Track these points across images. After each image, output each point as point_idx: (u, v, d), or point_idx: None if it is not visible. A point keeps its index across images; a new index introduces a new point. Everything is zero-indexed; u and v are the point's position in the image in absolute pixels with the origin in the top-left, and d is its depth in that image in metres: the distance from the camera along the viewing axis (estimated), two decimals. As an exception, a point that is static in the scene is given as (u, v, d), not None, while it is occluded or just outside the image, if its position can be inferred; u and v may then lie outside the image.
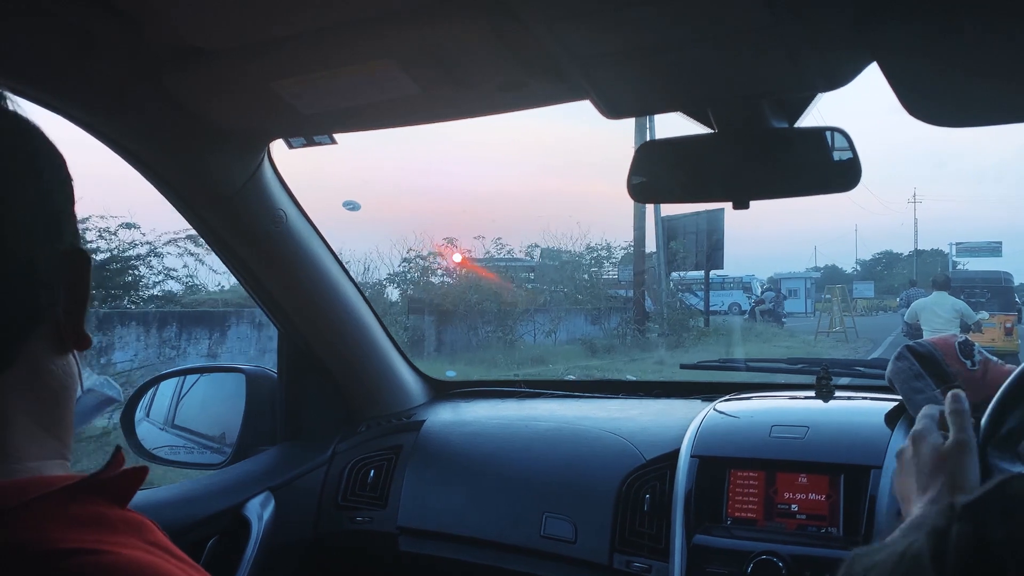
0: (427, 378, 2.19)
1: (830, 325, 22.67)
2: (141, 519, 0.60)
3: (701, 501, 1.51)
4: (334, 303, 1.85)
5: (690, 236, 21.68)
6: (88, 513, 0.56)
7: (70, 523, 0.55)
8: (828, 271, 63.20)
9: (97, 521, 0.56)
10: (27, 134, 0.65)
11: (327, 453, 1.93)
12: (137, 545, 0.56)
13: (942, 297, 10.13)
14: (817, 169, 1.26)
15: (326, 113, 1.35)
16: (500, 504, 1.72)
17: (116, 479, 0.61)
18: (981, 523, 0.47)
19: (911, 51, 1.01)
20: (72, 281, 0.64)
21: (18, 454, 0.59)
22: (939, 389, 1.52)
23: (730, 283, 40.45)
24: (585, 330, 18.77)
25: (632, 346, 17.81)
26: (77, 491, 0.57)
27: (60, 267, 0.63)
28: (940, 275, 11.14)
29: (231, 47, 1.18)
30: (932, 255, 53.83)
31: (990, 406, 1.21)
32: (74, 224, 0.67)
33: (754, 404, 1.76)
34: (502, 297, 17.08)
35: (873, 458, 1.44)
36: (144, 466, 0.66)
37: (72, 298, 0.64)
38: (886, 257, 63.73)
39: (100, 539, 0.54)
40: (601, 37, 1.01)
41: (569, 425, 1.82)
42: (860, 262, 66.42)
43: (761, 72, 1.10)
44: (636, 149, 1.32)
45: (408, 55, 1.15)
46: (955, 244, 38.14)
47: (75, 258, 0.65)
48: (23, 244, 0.60)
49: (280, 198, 1.65)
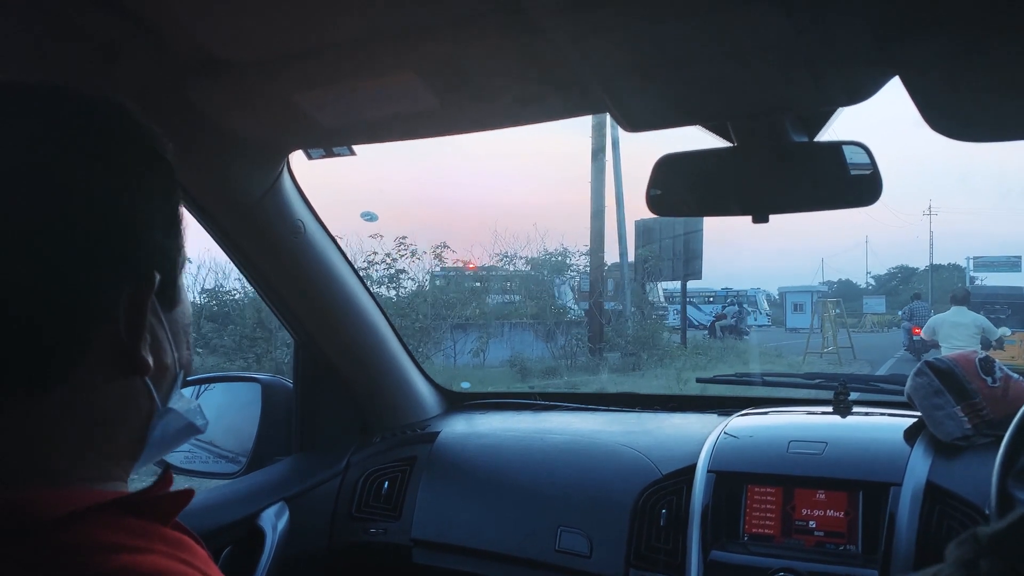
0: (442, 389, 2.19)
1: (822, 345, 20.26)
2: (181, 537, 0.60)
3: (718, 517, 1.51)
4: (350, 313, 1.86)
5: (666, 242, 18.82)
6: (131, 525, 0.57)
7: (114, 531, 0.56)
8: (842, 285, 62.18)
9: (140, 532, 0.57)
10: (118, 139, 0.64)
11: (341, 464, 1.93)
12: (174, 556, 0.57)
13: (962, 313, 9.76)
14: (837, 183, 1.26)
15: (346, 125, 1.36)
16: (515, 517, 1.71)
17: (162, 498, 0.62)
18: (1011, 555, 0.47)
19: (934, 66, 1.00)
20: (132, 303, 0.62)
21: (64, 474, 0.59)
22: (959, 406, 1.51)
23: (734, 297, 39.47)
24: (531, 348, 15.63)
25: (579, 369, 15.07)
26: (121, 506, 0.58)
27: (121, 287, 0.62)
28: (960, 289, 10.74)
29: (255, 59, 1.19)
30: (949, 270, 52.87)
31: (1006, 436, 1.20)
32: (155, 244, 0.65)
33: (771, 419, 1.75)
34: (437, 310, 14.60)
35: (892, 475, 1.43)
36: (190, 489, 0.67)
37: (131, 320, 0.62)
38: (901, 272, 63.06)
39: (138, 545, 0.56)
40: (624, 52, 1.01)
41: (585, 438, 1.82)
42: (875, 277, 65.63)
43: (782, 87, 1.10)
44: (656, 162, 1.33)
45: (429, 68, 1.16)
46: (972, 258, 37.08)
47: (139, 280, 0.63)
48: (73, 262, 0.59)
49: (299, 208, 1.65)
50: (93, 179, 0.61)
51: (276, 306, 1.81)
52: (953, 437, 1.47)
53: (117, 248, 0.61)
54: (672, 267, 18.90)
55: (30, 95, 0.63)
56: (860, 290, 57.13)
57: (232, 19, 1.10)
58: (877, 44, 0.99)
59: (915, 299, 21.60)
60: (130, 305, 0.62)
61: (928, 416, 1.52)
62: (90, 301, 0.60)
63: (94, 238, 0.60)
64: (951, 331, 9.65)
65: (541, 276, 17.33)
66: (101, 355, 0.61)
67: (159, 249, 0.65)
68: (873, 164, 1.22)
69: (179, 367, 0.69)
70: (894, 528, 1.37)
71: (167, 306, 0.67)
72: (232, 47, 1.17)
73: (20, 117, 0.61)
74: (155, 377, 0.65)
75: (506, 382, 12.79)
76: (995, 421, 1.47)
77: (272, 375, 2.10)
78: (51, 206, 0.58)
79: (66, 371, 0.59)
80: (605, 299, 17.69)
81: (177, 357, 0.68)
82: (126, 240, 0.62)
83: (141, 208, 0.64)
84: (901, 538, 1.36)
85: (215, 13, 1.09)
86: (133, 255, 0.62)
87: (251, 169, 1.51)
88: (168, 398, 0.68)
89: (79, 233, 0.59)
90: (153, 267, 0.64)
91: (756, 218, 1.27)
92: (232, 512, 1.68)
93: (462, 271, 16.77)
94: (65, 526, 0.54)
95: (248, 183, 1.52)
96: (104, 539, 0.55)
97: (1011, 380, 1.55)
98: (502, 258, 17.15)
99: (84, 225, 0.59)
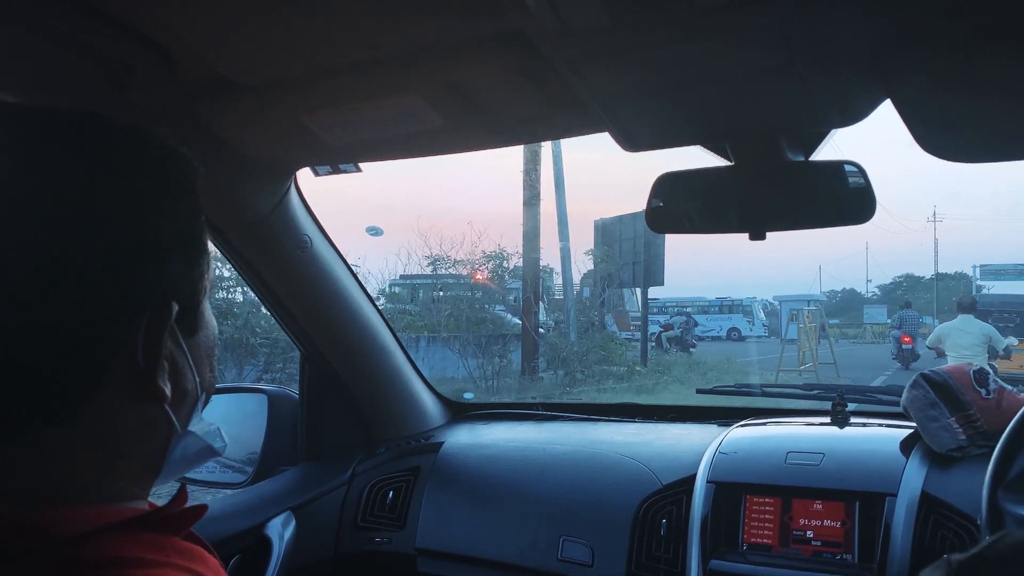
0: (445, 400, 2.22)
1: (800, 360, 17.65)
2: (193, 548, 0.62)
3: (717, 526, 1.53)
4: (356, 326, 1.88)
5: (627, 243, 16.29)
6: (146, 539, 0.59)
7: (130, 546, 0.57)
8: (846, 295, 61.27)
9: (155, 546, 0.59)
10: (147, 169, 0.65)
11: (347, 474, 1.95)
12: (187, 569, 0.58)
13: (968, 321, 9.59)
14: (832, 201, 1.28)
15: (353, 144, 1.39)
16: (517, 527, 1.74)
17: (179, 515, 0.63)
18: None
19: (925, 89, 1.03)
20: (149, 332, 0.62)
21: (82, 495, 0.60)
22: (954, 417, 1.54)
23: (728, 306, 38.47)
24: (447, 368, 13.49)
25: (497, 394, 12.80)
26: (137, 523, 0.59)
27: (137, 317, 0.62)
28: (966, 297, 10.54)
29: (264, 81, 1.22)
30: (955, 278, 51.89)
31: (997, 447, 1.23)
32: (175, 272, 0.65)
33: (770, 430, 1.78)
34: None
35: (888, 485, 1.46)
36: (204, 504, 0.69)
37: (147, 349, 0.62)
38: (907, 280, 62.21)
39: (154, 559, 0.57)
40: (622, 76, 1.04)
41: (586, 449, 1.84)
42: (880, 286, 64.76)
43: (778, 109, 1.13)
44: (655, 180, 1.36)
45: (433, 90, 1.19)
46: (979, 266, 35.55)
47: (157, 309, 0.63)
48: (95, 296, 0.59)
49: (306, 223, 1.69)
50: (112, 209, 0.60)
51: (282, 319, 1.84)
52: (948, 448, 1.50)
53: (135, 279, 0.61)
54: (632, 273, 16.42)
55: (54, 120, 0.63)
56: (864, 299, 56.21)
57: (242, 43, 1.13)
58: (869, 69, 1.02)
59: (905, 308, 21.39)
60: (146, 335, 0.62)
61: (923, 428, 1.55)
62: (106, 332, 0.60)
63: (111, 269, 0.60)
64: (958, 339, 9.49)
65: (467, 283, 15.41)
66: (118, 384, 0.61)
67: (179, 277, 0.65)
68: (867, 183, 1.25)
69: (200, 390, 0.70)
70: (889, 538, 1.40)
71: (188, 332, 0.67)
72: (242, 70, 1.20)
73: (44, 143, 0.61)
74: (174, 402, 0.66)
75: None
76: (989, 432, 1.50)
77: (278, 386, 2.13)
78: (69, 235, 0.58)
79: (82, 400, 0.59)
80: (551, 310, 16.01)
81: (198, 381, 0.69)
82: (145, 271, 0.62)
83: (161, 237, 0.64)
84: (896, 547, 1.39)
85: (225, 37, 1.12)
86: (151, 286, 0.62)
87: (259, 187, 1.54)
88: (189, 420, 0.69)
89: (96, 264, 0.59)
90: (171, 296, 0.64)
91: (753, 235, 1.30)
92: (240, 521, 1.70)
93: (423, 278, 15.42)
94: (82, 543, 0.55)
95: (256, 200, 1.55)
96: (119, 554, 0.56)
97: (1005, 392, 1.57)
98: (433, 262, 15.43)
99: (102, 256, 0.59)
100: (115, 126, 0.65)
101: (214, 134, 1.35)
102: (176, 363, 0.66)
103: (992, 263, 36.21)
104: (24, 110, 0.63)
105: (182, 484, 0.69)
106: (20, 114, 0.63)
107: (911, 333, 19.11)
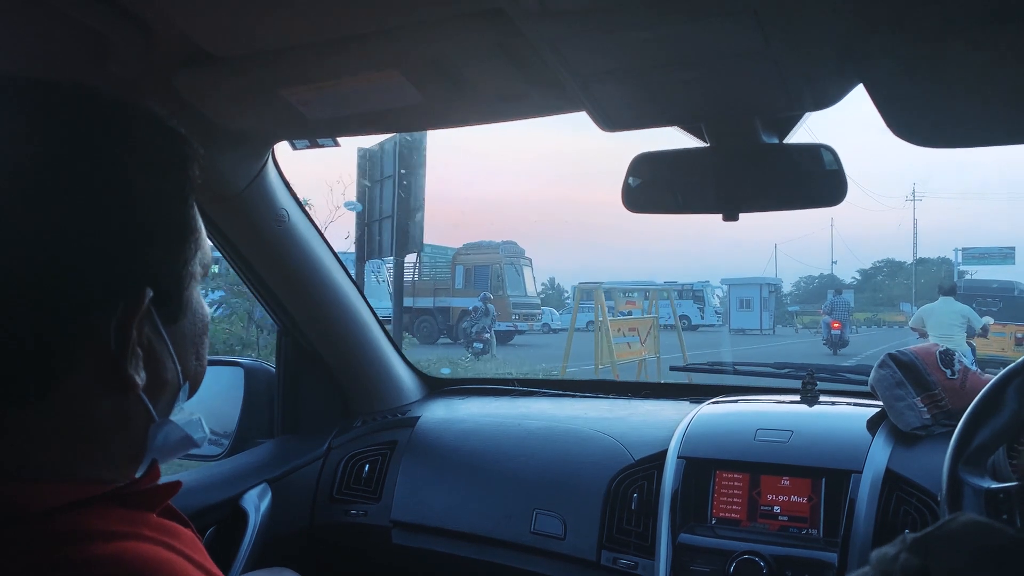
0: (422, 375, 2.23)
1: (597, 355, 11.55)
2: (166, 522, 0.62)
3: (687, 501, 1.56)
4: (333, 300, 1.89)
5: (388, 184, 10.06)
6: (118, 514, 0.59)
7: (102, 519, 0.57)
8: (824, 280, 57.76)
9: (127, 520, 0.58)
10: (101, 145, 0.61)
11: (323, 447, 1.97)
12: (159, 542, 0.58)
13: (948, 303, 10.38)
14: (805, 183, 1.31)
15: (331, 118, 1.39)
16: (492, 500, 1.77)
17: (152, 491, 0.63)
18: (926, 555, 0.52)
19: (896, 74, 1.05)
20: (121, 321, 0.60)
21: (55, 475, 0.59)
22: (919, 397, 1.58)
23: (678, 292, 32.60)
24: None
25: None
26: (110, 498, 0.59)
27: (110, 306, 0.60)
28: (947, 280, 11.67)
29: (242, 54, 1.22)
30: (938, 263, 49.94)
31: (960, 422, 1.26)
32: (150, 261, 0.62)
33: (740, 407, 1.81)
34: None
35: (853, 463, 1.49)
36: (178, 481, 0.68)
37: (120, 338, 0.60)
38: (887, 266, 60.92)
39: (125, 531, 0.57)
40: (600, 56, 1.05)
41: (560, 424, 1.87)
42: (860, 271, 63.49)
43: (752, 92, 1.14)
44: (632, 160, 1.37)
45: (413, 66, 1.19)
46: (961, 250, 33.87)
47: (129, 299, 0.60)
48: (66, 282, 0.57)
49: (283, 198, 1.69)
50: (82, 185, 0.58)
51: (260, 293, 1.84)
52: (912, 427, 1.54)
53: (109, 267, 0.59)
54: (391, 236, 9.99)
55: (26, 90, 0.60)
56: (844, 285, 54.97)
57: (219, 14, 1.13)
58: (842, 54, 1.03)
59: (836, 294, 21.84)
60: (118, 323, 0.60)
61: (889, 407, 1.59)
62: (76, 319, 0.58)
63: (85, 255, 0.57)
64: (939, 318, 10.16)
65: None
66: (90, 371, 0.59)
67: (158, 264, 0.63)
68: (839, 166, 1.27)
69: (183, 379, 0.67)
70: (854, 513, 1.44)
71: (170, 319, 0.65)
72: (219, 41, 1.20)
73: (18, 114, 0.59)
74: (151, 391, 0.64)
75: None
76: (953, 412, 1.53)
77: (254, 359, 2.13)
78: (33, 214, 0.56)
79: (49, 387, 0.58)
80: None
81: (180, 370, 0.66)
82: (119, 258, 0.60)
83: (140, 219, 0.61)
84: (860, 522, 1.42)
85: (203, 7, 1.11)
86: (126, 272, 0.60)
87: (236, 160, 1.53)
88: (170, 409, 0.67)
89: (69, 250, 0.57)
90: (147, 283, 0.61)
91: (727, 216, 1.32)
92: (215, 493, 1.71)
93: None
94: (53, 517, 0.55)
95: (233, 173, 1.55)
96: (91, 527, 0.56)
97: (969, 372, 1.61)
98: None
99: (75, 242, 0.57)
100: (94, 95, 0.62)
101: (191, 106, 1.34)
102: (154, 351, 0.64)
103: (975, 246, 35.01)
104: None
105: (154, 460, 0.68)
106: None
107: (840, 319, 19.45)
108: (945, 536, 0.53)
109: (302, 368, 2.00)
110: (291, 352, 1.99)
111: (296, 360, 1.99)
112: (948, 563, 0.51)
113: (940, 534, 0.54)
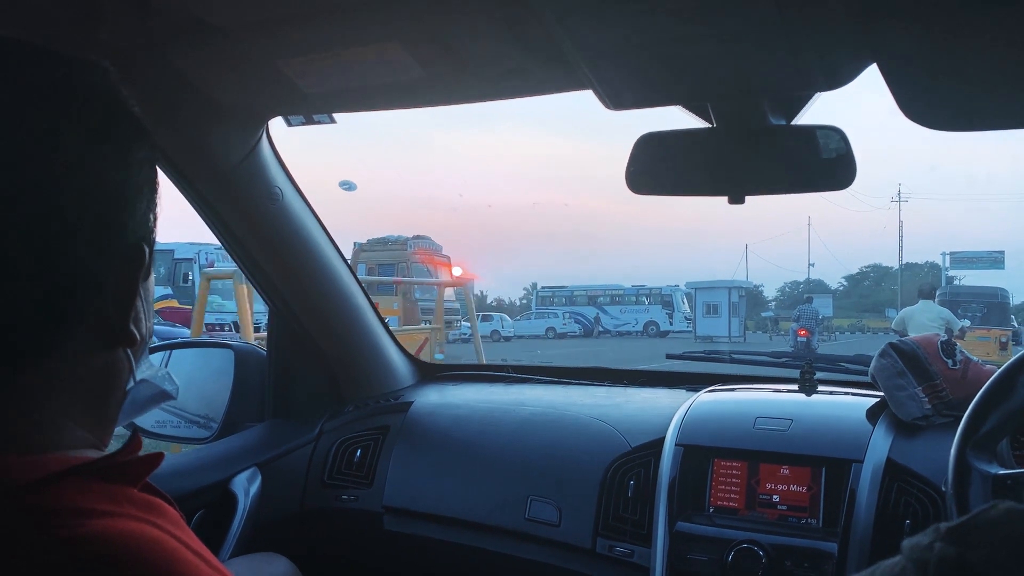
0: (416, 360, 2.21)
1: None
2: (151, 499, 0.60)
3: (684, 489, 1.54)
4: (326, 282, 1.86)
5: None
6: (101, 489, 0.57)
7: (85, 495, 0.55)
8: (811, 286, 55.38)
9: (111, 497, 0.57)
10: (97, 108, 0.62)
11: (314, 431, 1.94)
12: (144, 520, 0.56)
13: (928, 305, 10.72)
14: (813, 166, 1.28)
15: (329, 92, 1.36)
16: (485, 486, 1.74)
17: (132, 463, 0.61)
18: (963, 544, 0.50)
19: (910, 55, 1.03)
20: (124, 276, 0.62)
21: (40, 442, 0.58)
22: (921, 387, 1.56)
23: (646, 296, 33.32)
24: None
25: None
26: (91, 470, 0.57)
27: (112, 260, 0.61)
28: (926, 285, 11.99)
29: (238, 23, 1.18)
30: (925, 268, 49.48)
31: (970, 407, 1.25)
32: (141, 215, 0.63)
33: (739, 395, 1.79)
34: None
35: (854, 452, 1.48)
36: (160, 452, 0.67)
37: (121, 293, 0.62)
38: (874, 271, 60.03)
39: (109, 509, 0.55)
40: (608, 31, 1.03)
41: (556, 411, 1.85)
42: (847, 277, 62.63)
43: (763, 70, 1.12)
44: (636, 141, 1.34)
45: (414, 38, 1.16)
46: (949, 254, 32.91)
47: (130, 253, 0.62)
48: (66, 235, 0.57)
49: (277, 175, 1.65)
50: (83, 150, 0.59)
51: (251, 272, 1.80)
52: (913, 417, 1.52)
53: (108, 222, 0.60)
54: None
55: (13, 54, 0.60)
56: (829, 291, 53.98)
57: None
58: (856, 30, 1.01)
59: (806, 302, 22.11)
60: (121, 280, 0.61)
61: (890, 396, 1.57)
62: (78, 277, 0.58)
63: (84, 212, 0.58)
64: (919, 320, 10.40)
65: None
66: (87, 329, 0.60)
67: (146, 219, 0.64)
68: (848, 148, 1.24)
69: (149, 336, 0.69)
70: (854, 503, 1.42)
71: (145, 276, 0.66)
72: (216, 11, 1.16)
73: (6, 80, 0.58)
74: (135, 348, 0.65)
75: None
76: (954, 402, 1.52)
77: (245, 342, 2.10)
78: (39, 176, 0.56)
79: (48, 345, 0.58)
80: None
81: (149, 327, 0.68)
82: (117, 213, 0.61)
83: (130, 180, 0.62)
84: (860, 512, 1.41)
85: None
86: (124, 229, 0.61)
87: (230, 134, 1.50)
88: (138, 366, 0.68)
89: (68, 207, 0.57)
90: (142, 240, 0.63)
91: (732, 199, 1.29)
92: (205, 476, 1.69)
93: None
94: (36, 490, 0.54)
95: (227, 148, 1.51)
96: (75, 504, 0.54)
97: (970, 363, 1.60)
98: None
99: (73, 198, 0.58)
100: (76, 61, 0.62)
101: (186, 78, 1.31)
102: (136, 308, 0.65)
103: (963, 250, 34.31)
104: None
105: (134, 431, 0.67)
106: None
107: (808, 327, 19.64)
108: (984, 524, 0.51)
109: (293, 350, 1.97)
110: (283, 334, 1.96)
111: (288, 342, 1.96)
112: (987, 553, 0.49)
113: (978, 522, 0.51)
